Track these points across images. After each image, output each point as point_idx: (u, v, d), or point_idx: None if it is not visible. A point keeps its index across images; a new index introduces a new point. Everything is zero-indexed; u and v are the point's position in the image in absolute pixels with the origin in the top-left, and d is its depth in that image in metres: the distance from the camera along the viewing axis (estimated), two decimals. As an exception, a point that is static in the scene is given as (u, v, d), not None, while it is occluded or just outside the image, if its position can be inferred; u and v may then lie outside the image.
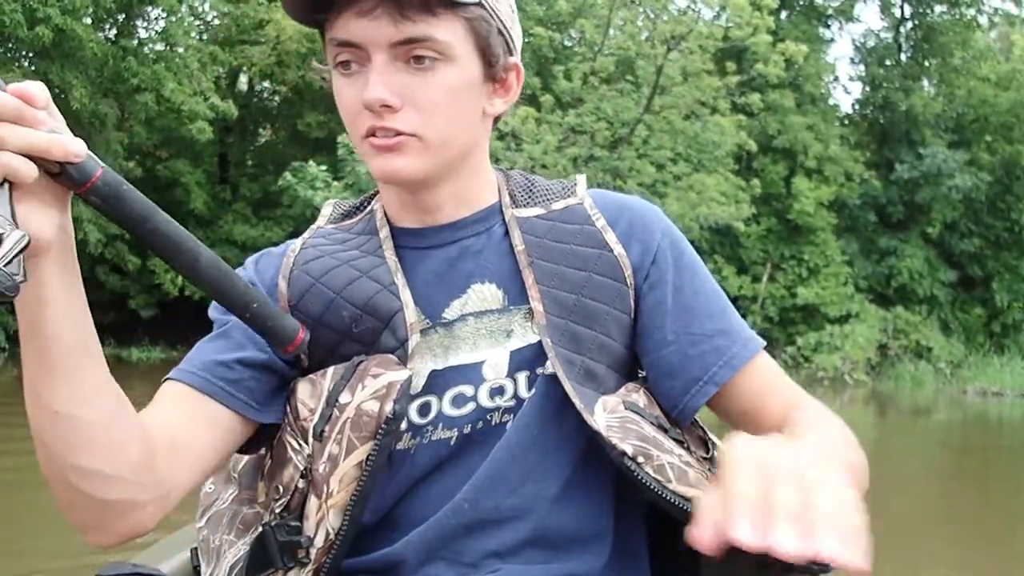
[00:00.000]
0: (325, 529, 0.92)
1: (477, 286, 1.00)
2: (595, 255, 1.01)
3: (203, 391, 0.94)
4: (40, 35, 10.43)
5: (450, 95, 0.92)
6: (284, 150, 17.81)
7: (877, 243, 21.38)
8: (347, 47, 0.91)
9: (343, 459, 0.90)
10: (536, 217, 1.03)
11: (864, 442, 0.98)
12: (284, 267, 1.01)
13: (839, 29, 24.33)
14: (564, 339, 0.97)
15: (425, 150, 0.93)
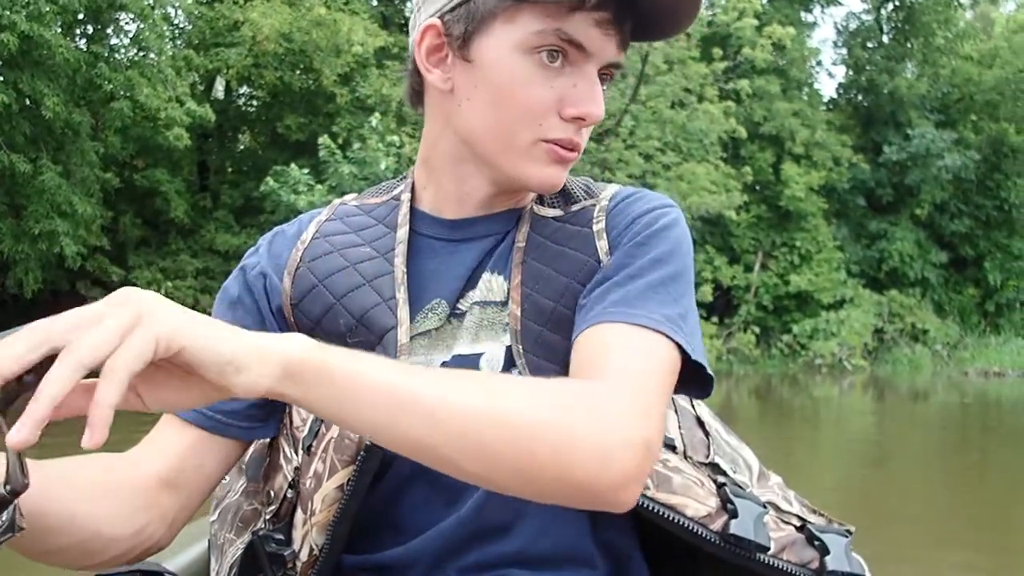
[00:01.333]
0: (309, 545, 0.91)
1: (487, 275, 0.96)
2: (582, 262, 0.95)
3: (202, 427, 0.91)
4: (5, 42, 10.08)
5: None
6: (264, 155, 17.49)
7: (867, 227, 21.29)
8: (571, 44, 0.87)
9: (326, 479, 0.89)
10: (552, 218, 0.99)
11: (865, 428, 0.73)
12: (292, 260, 0.97)
13: (821, 13, 24.15)
14: (537, 346, 0.92)
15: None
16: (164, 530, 0.88)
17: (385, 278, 0.95)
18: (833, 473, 7.92)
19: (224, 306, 0.98)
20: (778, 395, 15.83)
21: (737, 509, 0.94)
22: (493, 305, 0.96)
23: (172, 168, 16.28)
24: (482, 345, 0.95)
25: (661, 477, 0.91)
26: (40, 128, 11.81)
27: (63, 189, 11.76)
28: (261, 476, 1.03)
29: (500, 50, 0.88)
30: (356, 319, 0.93)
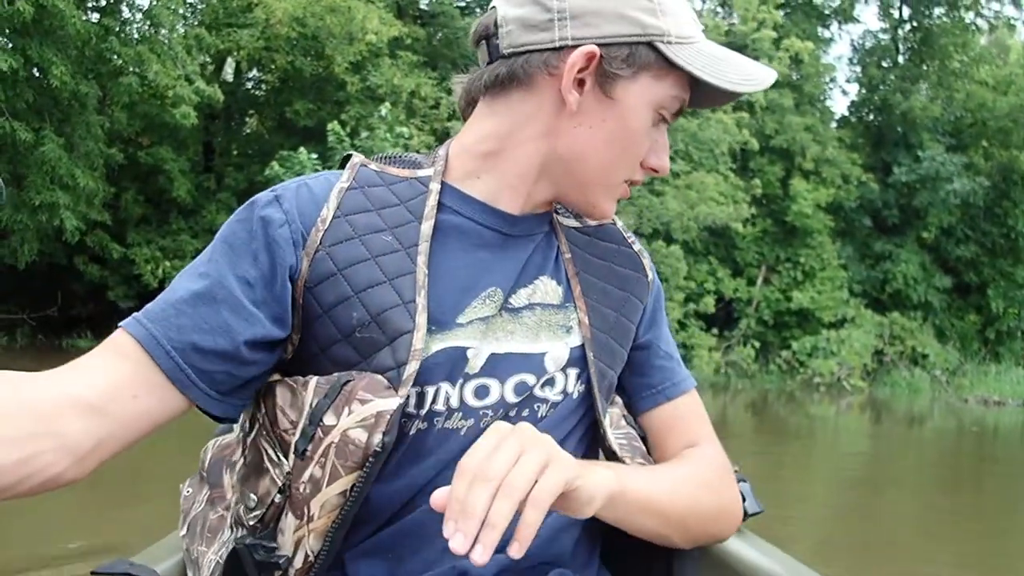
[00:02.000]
0: (305, 551, 0.90)
1: (544, 279, 1.02)
2: (633, 278, 1.09)
3: (167, 374, 0.87)
4: (21, 10, 9.92)
5: None
6: (271, 139, 17.34)
7: (872, 247, 21.14)
8: (681, 112, 1.00)
9: (326, 485, 0.88)
10: (575, 229, 1.08)
11: (860, 450, 0.68)
12: (311, 242, 0.93)
13: (838, 29, 23.99)
14: (603, 353, 1.03)
15: None
16: (69, 462, 0.82)
17: (407, 278, 0.93)
18: (823, 492, 7.82)
19: (235, 251, 0.92)
20: (774, 411, 15.69)
21: (741, 490, 1.16)
22: (552, 308, 1.02)
23: (177, 147, 16.13)
24: (543, 345, 1.00)
25: None
26: (45, 98, 11.67)
27: (64, 161, 11.61)
28: (236, 480, 1.00)
29: (641, 100, 0.96)
30: (371, 316, 0.92)
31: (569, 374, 1.02)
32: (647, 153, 0.99)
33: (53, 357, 12.00)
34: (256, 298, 0.91)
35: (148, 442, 0.90)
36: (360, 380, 0.90)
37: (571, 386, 1.02)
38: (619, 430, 1.06)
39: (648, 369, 1.12)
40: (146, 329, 0.88)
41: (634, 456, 1.05)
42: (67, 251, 14.08)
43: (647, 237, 15.67)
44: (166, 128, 14.89)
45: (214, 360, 0.88)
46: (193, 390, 0.88)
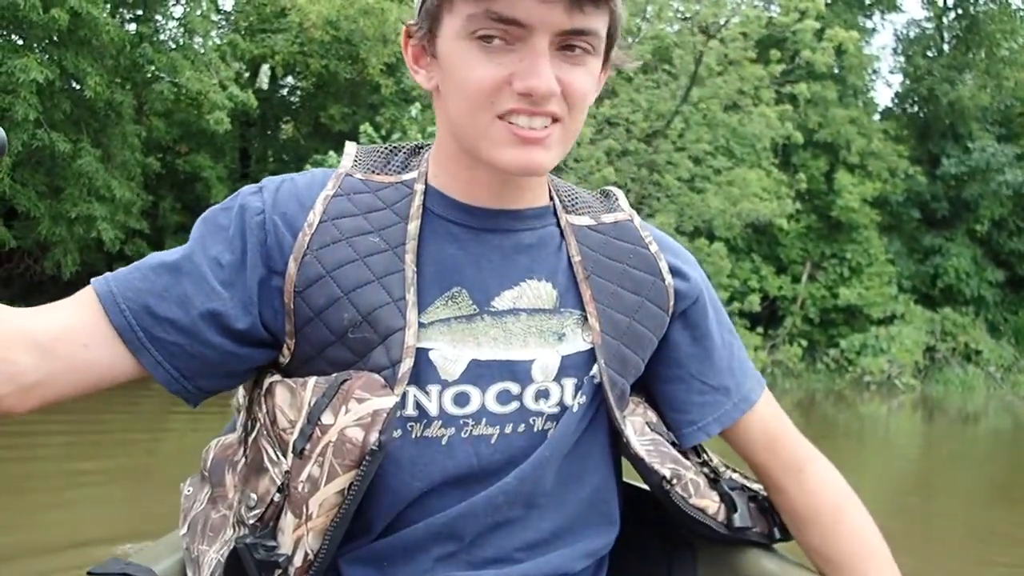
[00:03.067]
0: (304, 550, 0.90)
1: (533, 282, 0.98)
2: (649, 281, 1.03)
3: (119, 330, 0.89)
4: (56, 18, 9.90)
5: (591, 87, 0.92)
6: (306, 144, 17.39)
7: (921, 241, 20.65)
8: (504, 23, 0.86)
9: (324, 483, 0.88)
10: (588, 227, 1.03)
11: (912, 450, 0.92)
12: (298, 247, 0.93)
13: (881, 19, 23.47)
14: (615, 361, 0.99)
15: (562, 143, 0.92)
16: (10, 390, 0.85)
17: (395, 276, 0.93)
18: (873, 492, 7.53)
19: (211, 234, 0.94)
20: (823, 411, 15.32)
21: (735, 501, 1.09)
22: (543, 313, 0.97)
23: (215, 154, 16.18)
24: (531, 352, 0.96)
25: (695, 484, 1.05)
26: (82, 108, 11.66)
27: (101, 173, 11.60)
28: (238, 480, 1.00)
29: (448, 41, 0.90)
30: (362, 316, 0.91)
31: (565, 385, 0.98)
32: (511, 79, 0.88)
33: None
34: (224, 279, 0.92)
35: (153, 440, 0.81)
36: (357, 379, 0.90)
37: (569, 398, 0.98)
38: (644, 436, 1.04)
39: (689, 406, 1.10)
40: (108, 285, 0.91)
41: (663, 462, 1.03)
42: (108, 260, 14.13)
43: (688, 235, 15.34)
44: (203, 135, 14.91)
45: (168, 328, 0.90)
46: (145, 355, 0.90)
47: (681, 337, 1.08)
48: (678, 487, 1.03)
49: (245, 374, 0.97)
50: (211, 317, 0.91)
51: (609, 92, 15.04)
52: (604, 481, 1.05)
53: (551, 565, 0.98)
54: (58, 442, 6.55)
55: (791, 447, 1.15)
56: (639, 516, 1.17)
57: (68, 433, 6.73)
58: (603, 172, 13.65)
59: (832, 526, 1.11)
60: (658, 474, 1.02)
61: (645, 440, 1.03)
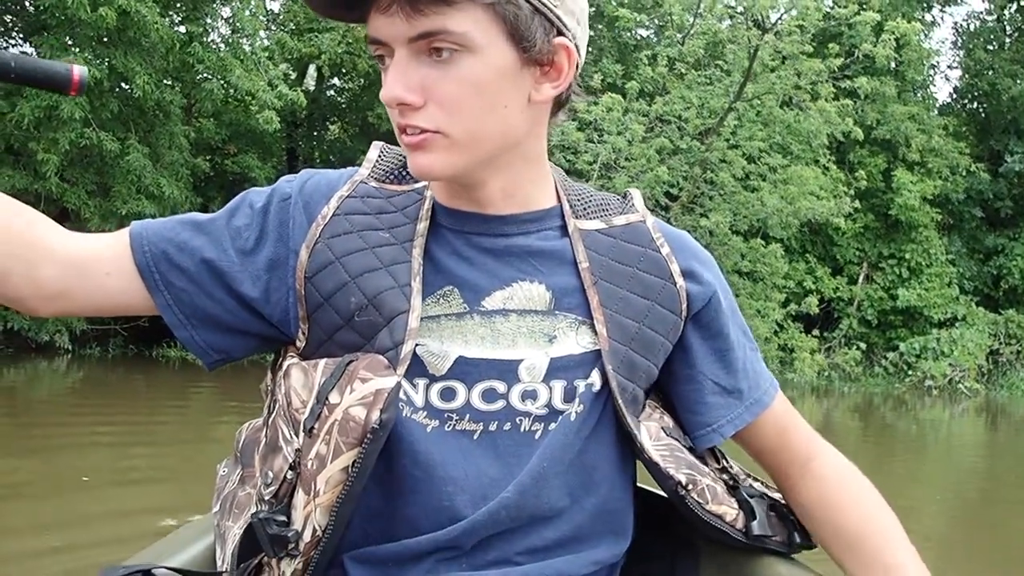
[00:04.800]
0: (312, 526, 0.92)
1: (524, 283, 0.99)
2: (659, 285, 1.02)
3: (140, 268, 0.98)
4: (104, 16, 9.87)
5: (474, 87, 0.88)
6: (353, 145, 17.37)
7: (982, 241, 20.04)
8: (375, 44, 0.90)
9: (330, 461, 0.90)
10: (598, 231, 1.03)
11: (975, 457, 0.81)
12: (311, 235, 0.98)
13: (940, 12, 22.78)
14: (623, 367, 0.99)
15: (452, 146, 0.91)
16: (33, 293, 0.93)
17: (402, 266, 0.96)
18: (933, 497, 7.26)
19: (242, 208, 1.02)
20: (881, 416, 14.85)
21: (754, 508, 1.07)
22: (534, 314, 0.98)
23: (263, 155, 16.19)
24: (520, 351, 0.97)
25: (712, 491, 1.04)
26: (131, 108, 11.65)
27: (149, 171, 11.58)
28: (257, 459, 1.03)
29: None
30: (368, 299, 0.95)
31: (554, 387, 0.98)
32: None
33: (145, 367, 12.01)
34: (239, 247, 0.99)
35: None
36: (363, 360, 0.93)
37: (558, 401, 0.98)
38: (660, 441, 1.02)
39: (702, 407, 1.09)
40: (141, 228, 0.99)
41: (679, 467, 1.01)
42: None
43: (743, 235, 14.96)
44: (251, 136, 14.92)
45: (179, 275, 0.98)
46: (158, 295, 0.98)
47: (695, 339, 1.07)
48: (694, 492, 1.02)
49: (248, 339, 1.02)
50: (216, 273, 0.98)
51: (661, 89, 14.72)
52: (613, 491, 1.03)
53: (553, 569, 0.98)
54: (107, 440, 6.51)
55: (801, 441, 1.14)
56: (649, 521, 1.15)
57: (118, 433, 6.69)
58: (655, 171, 13.33)
59: (844, 510, 1.10)
60: (673, 479, 1.00)
61: (660, 445, 1.02)
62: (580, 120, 13.64)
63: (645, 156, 13.71)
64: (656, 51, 14.97)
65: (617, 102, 13.35)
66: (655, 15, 16.79)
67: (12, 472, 5.43)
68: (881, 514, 1.10)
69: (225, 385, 10.06)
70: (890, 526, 1.09)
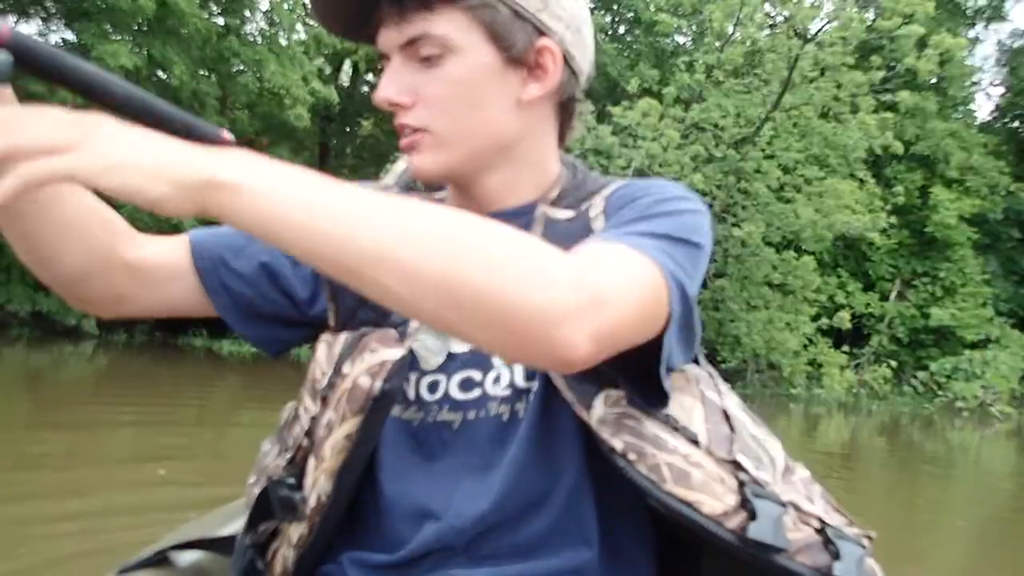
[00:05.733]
0: (318, 492, 0.96)
1: None
2: None
3: (201, 276, 1.03)
4: (142, 6, 9.93)
5: (456, 86, 0.93)
6: (386, 141, 17.37)
7: (1020, 263, 19.65)
8: (382, 57, 0.96)
9: (337, 427, 0.94)
10: (566, 220, 1.00)
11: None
12: None
13: (983, 28, 22.43)
14: None
15: (438, 144, 0.95)
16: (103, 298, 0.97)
17: None
18: (958, 522, 6.97)
19: None
20: (908, 436, 14.60)
21: (756, 510, 0.93)
22: None
23: (295, 148, 16.23)
24: None
25: (680, 472, 0.93)
26: (167, 97, 11.68)
27: (185, 161, 11.65)
28: (284, 431, 1.07)
29: None
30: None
31: (515, 368, 0.98)
32: None
33: (170, 355, 12.03)
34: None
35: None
36: (375, 333, 0.97)
37: (520, 379, 0.97)
38: (613, 409, 0.93)
39: None
40: (200, 235, 1.04)
41: (618, 432, 0.92)
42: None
43: (775, 246, 14.77)
44: (284, 129, 14.98)
45: (236, 279, 1.03)
46: (216, 298, 1.03)
47: None
48: (640, 465, 0.90)
49: (304, 330, 1.07)
50: (272, 276, 1.04)
51: (697, 96, 14.59)
52: (574, 492, 0.97)
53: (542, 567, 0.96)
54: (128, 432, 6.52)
55: None
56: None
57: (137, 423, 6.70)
58: (690, 178, 13.19)
59: None
60: (606, 444, 0.91)
61: (612, 412, 0.93)
62: (615, 124, 13.54)
63: (679, 163, 13.58)
64: (694, 57, 14.83)
65: (654, 107, 13.23)
66: (693, 21, 16.64)
67: (40, 444, 5.50)
68: None
69: (249, 376, 10.07)
70: None
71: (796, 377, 15.84)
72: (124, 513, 3.94)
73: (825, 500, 1.04)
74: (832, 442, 12.77)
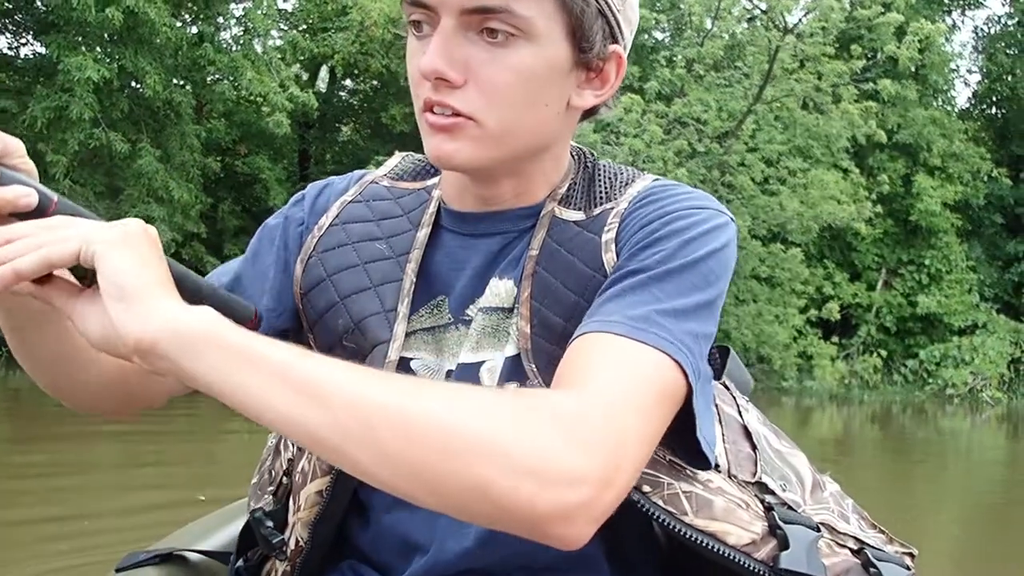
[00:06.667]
0: (296, 536, 0.94)
1: (495, 281, 0.92)
2: (588, 277, 0.89)
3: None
4: (111, 17, 9.73)
5: (522, 78, 0.82)
6: (366, 146, 17.21)
7: (1003, 248, 19.72)
8: (418, 7, 0.82)
9: (309, 480, 0.92)
10: (574, 222, 0.92)
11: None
12: (305, 248, 0.97)
13: (960, 15, 22.48)
14: (552, 365, 0.84)
15: (483, 137, 0.83)
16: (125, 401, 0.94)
17: (391, 286, 0.93)
18: (950, 509, 7.04)
19: (264, 241, 0.99)
20: (900, 424, 14.58)
21: (788, 537, 0.87)
22: (498, 312, 0.92)
23: (274, 156, 16.04)
24: (483, 353, 0.91)
25: (702, 500, 0.86)
26: (141, 108, 11.51)
27: (160, 174, 11.44)
28: (270, 454, 1.04)
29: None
30: (354, 323, 0.92)
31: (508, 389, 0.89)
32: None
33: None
34: (272, 286, 0.98)
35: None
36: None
37: None
38: None
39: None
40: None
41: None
42: (165, 263, 14.10)
43: (761, 239, 14.72)
44: (262, 137, 14.80)
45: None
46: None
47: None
48: (655, 497, 0.84)
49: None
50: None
51: (679, 91, 14.50)
52: None
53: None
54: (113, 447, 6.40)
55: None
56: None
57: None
58: (674, 173, 13.10)
59: None
60: None
61: None
62: (597, 122, 13.44)
63: (663, 158, 13.49)
64: (674, 52, 14.75)
65: (636, 103, 13.14)
66: (672, 16, 16.57)
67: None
68: None
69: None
70: None
71: (787, 370, 15.81)
72: (123, 515, 4.06)
73: (859, 515, 1.00)
74: (826, 433, 12.74)
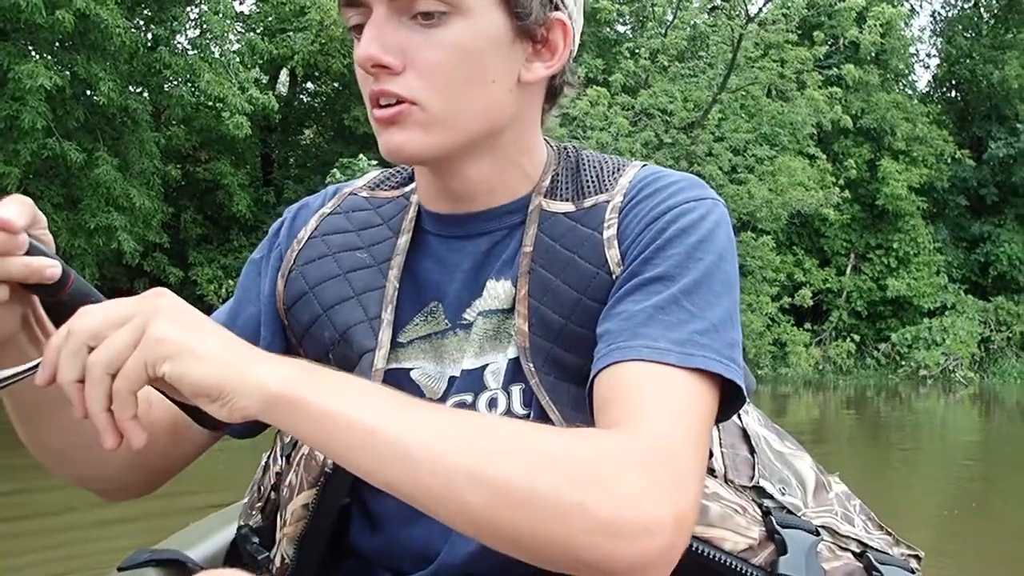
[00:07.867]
0: (281, 553, 0.92)
1: (491, 283, 0.90)
2: (591, 275, 0.87)
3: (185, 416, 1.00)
4: (61, 20, 9.43)
5: (459, 54, 0.80)
6: (329, 148, 17.02)
7: (968, 229, 19.94)
8: (352, 7, 0.82)
9: (296, 494, 0.90)
10: (563, 214, 0.90)
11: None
12: (286, 262, 0.96)
13: (917, 1, 22.69)
14: (549, 365, 0.87)
15: (430, 122, 0.82)
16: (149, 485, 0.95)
17: (374, 293, 0.92)
18: (930, 490, 7.07)
19: (252, 269, 1.00)
20: (875, 407, 14.65)
21: (786, 542, 0.87)
22: (497, 314, 0.90)
23: (236, 161, 15.77)
24: (486, 357, 0.90)
25: (703, 510, 0.86)
26: (97, 116, 11.21)
27: (119, 182, 11.15)
28: (260, 468, 1.03)
29: None
30: (339, 334, 0.91)
31: (512, 392, 0.88)
32: None
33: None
34: (267, 320, 0.97)
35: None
36: None
37: (516, 405, 0.87)
38: None
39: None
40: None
41: None
42: (129, 274, 13.83)
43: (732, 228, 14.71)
44: (223, 142, 14.56)
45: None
46: (209, 420, 1.02)
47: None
48: None
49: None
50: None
51: (644, 83, 14.44)
52: None
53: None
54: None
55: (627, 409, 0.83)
56: None
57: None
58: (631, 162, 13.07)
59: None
60: None
61: None
62: (563, 116, 13.34)
63: (630, 150, 13.42)
64: (638, 43, 14.69)
65: (603, 95, 13.06)
66: (634, 8, 16.53)
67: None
68: None
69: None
70: None
71: (762, 358, 15.83)
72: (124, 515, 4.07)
73: (865, 515, 0.99)
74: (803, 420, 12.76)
